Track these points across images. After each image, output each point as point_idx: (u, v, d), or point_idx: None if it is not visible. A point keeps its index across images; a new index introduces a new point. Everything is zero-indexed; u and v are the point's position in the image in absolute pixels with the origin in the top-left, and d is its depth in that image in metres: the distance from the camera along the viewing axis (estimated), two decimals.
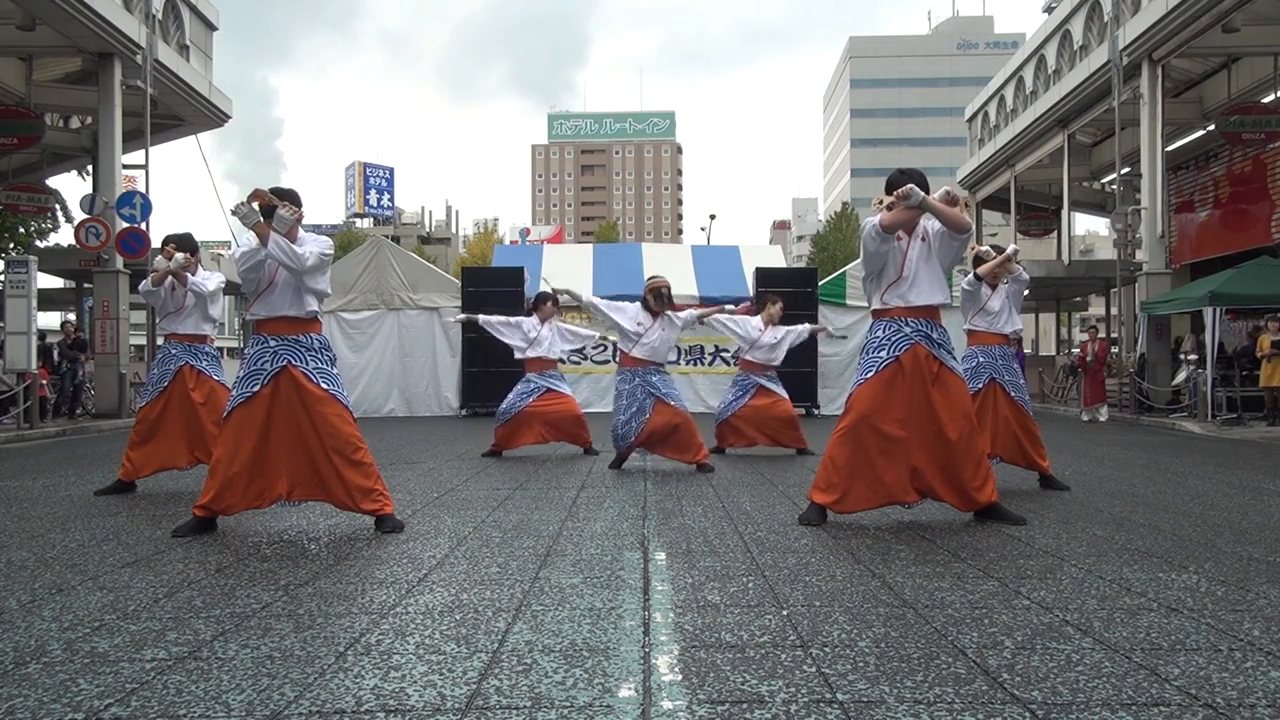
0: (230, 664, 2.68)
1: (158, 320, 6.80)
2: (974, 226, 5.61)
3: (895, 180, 5.01)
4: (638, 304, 8.02)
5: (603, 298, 8.42)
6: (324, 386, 4.85)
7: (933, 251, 5.07)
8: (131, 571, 3.94)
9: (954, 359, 5.10)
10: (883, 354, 4.99)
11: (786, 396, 9.41)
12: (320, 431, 4.82)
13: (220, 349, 7.20)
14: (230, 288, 12.51)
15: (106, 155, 17.69)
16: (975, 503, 4.99)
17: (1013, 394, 6.80)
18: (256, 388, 4.81)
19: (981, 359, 6.86)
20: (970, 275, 7.00)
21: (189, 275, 6.62)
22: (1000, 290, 7.05)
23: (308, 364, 4.88)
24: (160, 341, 6.85)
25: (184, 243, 6.73)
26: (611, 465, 8.09)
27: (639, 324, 7.87)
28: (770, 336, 9.21)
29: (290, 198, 4.95)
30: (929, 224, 5.09)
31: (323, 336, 5.06)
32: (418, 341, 17.32)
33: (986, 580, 3.74)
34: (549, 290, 9.44)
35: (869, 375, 4.98)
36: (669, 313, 7.95)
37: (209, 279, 6.75)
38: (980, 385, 6.72)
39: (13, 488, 7.11)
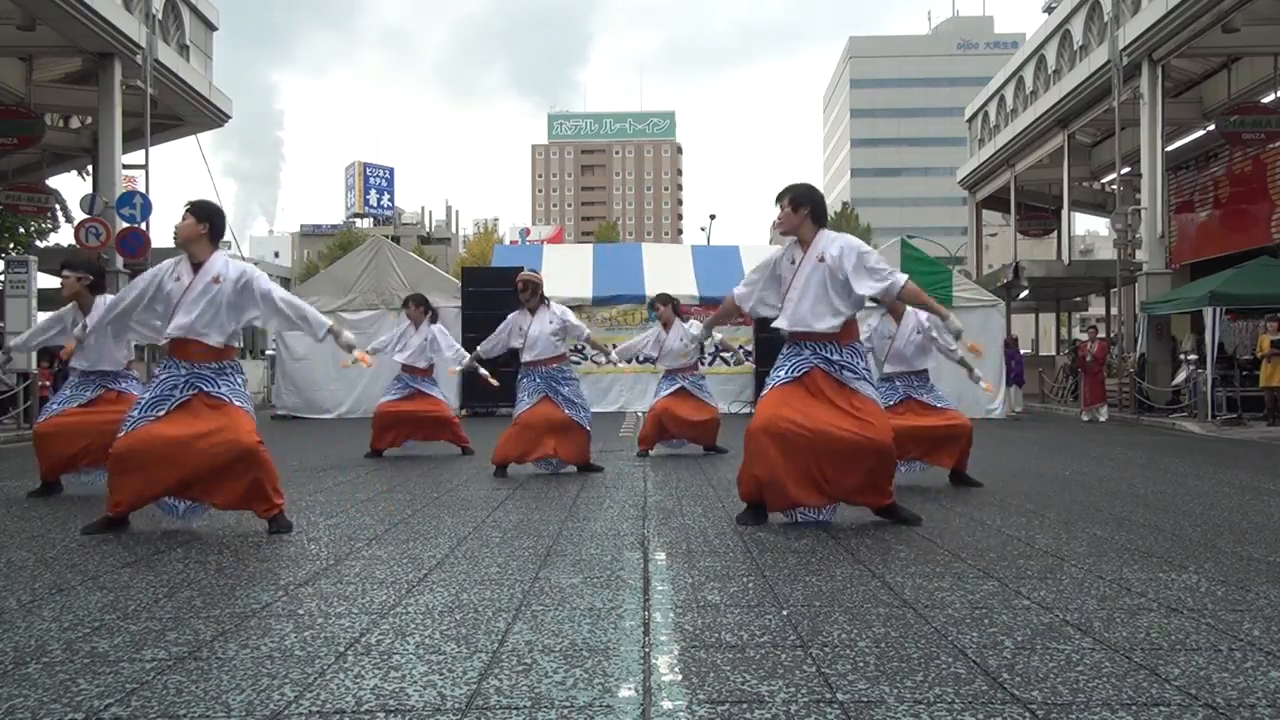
0: (230, 664, 2.68)
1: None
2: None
3: (801, 194, 5.10)
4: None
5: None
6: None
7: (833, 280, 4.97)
8: (131, 571, 3.94)
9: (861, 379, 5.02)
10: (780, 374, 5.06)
11: (711, 399, 9.45)
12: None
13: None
14: None
15: (106, 155, 17.69)
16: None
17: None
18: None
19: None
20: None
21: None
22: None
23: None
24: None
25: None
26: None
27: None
28: (674, 340, 9.19)
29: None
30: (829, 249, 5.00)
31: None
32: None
33: (986, 580, 3.74)
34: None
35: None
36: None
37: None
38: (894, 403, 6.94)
39: (13, 488, 7.11)
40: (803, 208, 5.07)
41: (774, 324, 5.16)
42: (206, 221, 4.98)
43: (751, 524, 5.05)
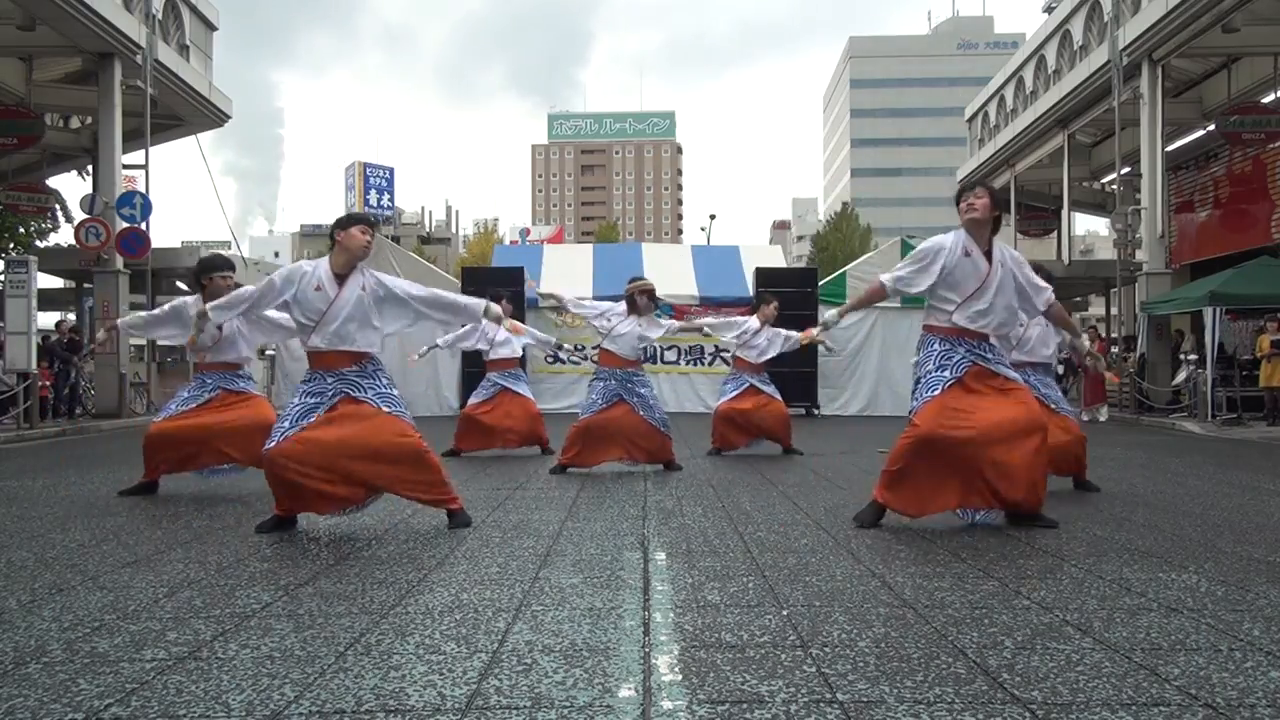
0: (230, 664, 2.68)
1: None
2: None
3: (996, 192, 5.09)
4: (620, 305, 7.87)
5: (601, 299, 8.43)
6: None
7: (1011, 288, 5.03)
8: (131, 571, 3.94)
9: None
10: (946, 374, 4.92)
11: (779, 397, 9.41)
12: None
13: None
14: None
15: (106, 155, 17.69)
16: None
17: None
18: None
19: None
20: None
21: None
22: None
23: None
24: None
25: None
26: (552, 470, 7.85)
27: (613, 318, 7.76)
28: (764, 337, 9.14)
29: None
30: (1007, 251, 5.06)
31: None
32: (418, 342, 17.22)
33: (986, 580, 3.74)
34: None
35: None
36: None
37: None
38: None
39: (13, 488, 7.11)
40: (996, 208, 5.03)
41: (955, 318, 4.96)
42: (375, 233, 5.06)
43: (870, 525, 4.95)
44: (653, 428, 7.65)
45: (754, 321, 9.15)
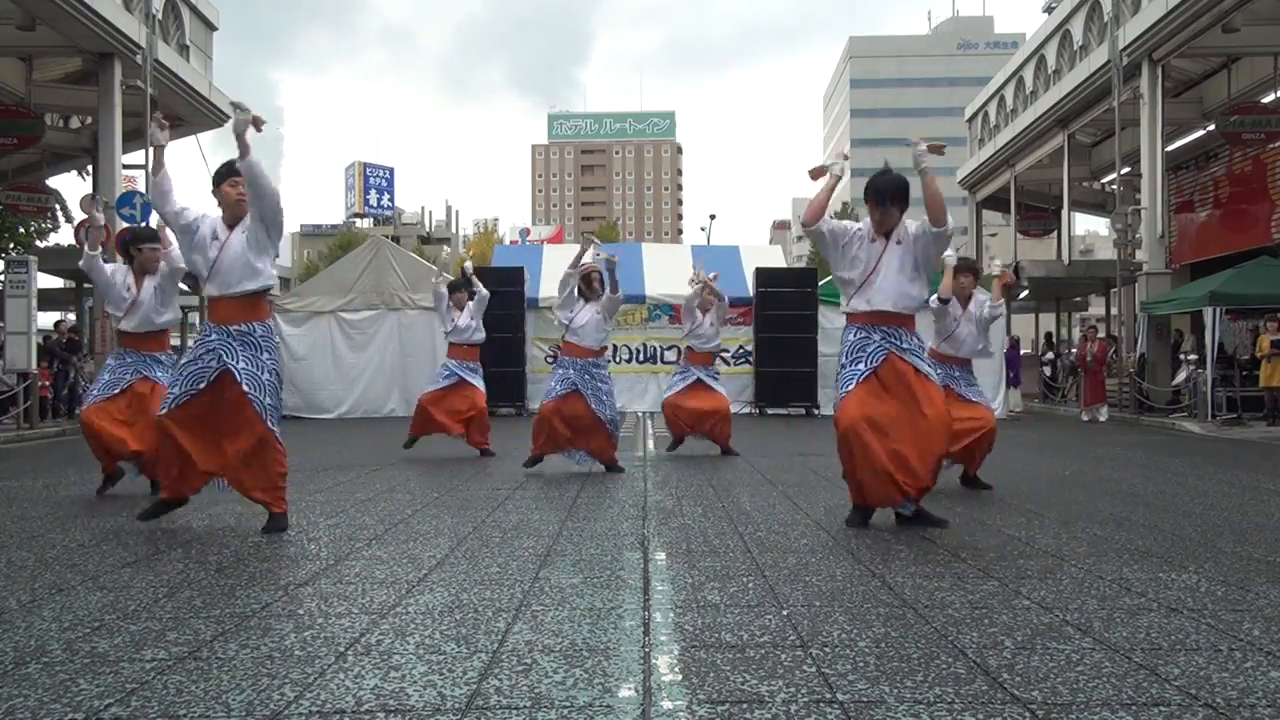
0: (230, 664, 2.68)
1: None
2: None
3: (878, 184, 5.02)
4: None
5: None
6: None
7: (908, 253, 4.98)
8: (131, 571, 3.94)
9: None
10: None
11: (725, 395, 9.54)
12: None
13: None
14: None
15: (106, 155, 17.68)
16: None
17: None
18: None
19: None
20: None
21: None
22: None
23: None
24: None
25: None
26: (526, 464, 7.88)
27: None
28: (708, 321, 9.38)
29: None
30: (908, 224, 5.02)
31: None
32: (418, 341, 17.29)
33: (986, 580, 3.74)
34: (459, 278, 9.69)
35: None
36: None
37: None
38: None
39: (13, 488, 7.11)
40: (896, 206, 5.02)
41: (845, 309, 5.08)
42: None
43: (859, 525, 4.98)
44: (600, 423, 7.63)
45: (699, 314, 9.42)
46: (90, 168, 20.86)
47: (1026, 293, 25.83)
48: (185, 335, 23.94)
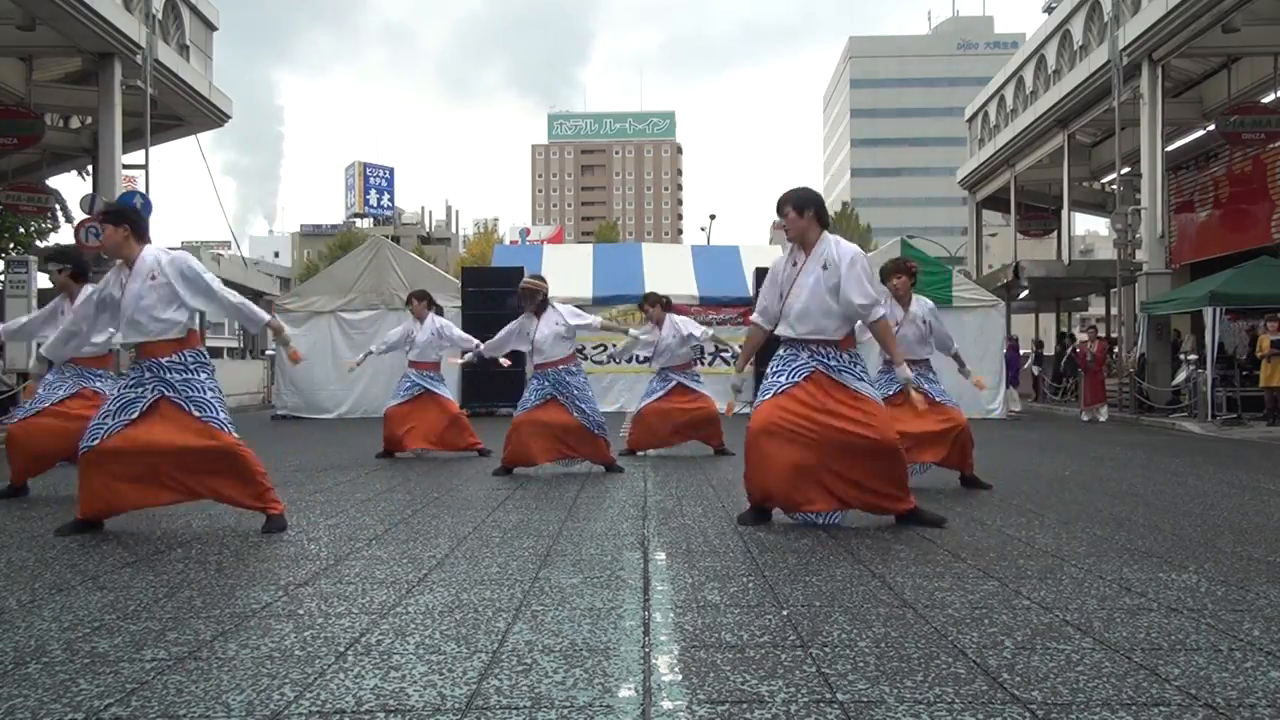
0: (230, 664, 2.68)
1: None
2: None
3: (804, 198, 5.04)
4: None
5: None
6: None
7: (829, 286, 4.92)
8: (131, 571, 3.94)
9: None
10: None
11: (709, 395, 9.33)
12: None
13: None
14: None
15: (106, 155, 17.67)
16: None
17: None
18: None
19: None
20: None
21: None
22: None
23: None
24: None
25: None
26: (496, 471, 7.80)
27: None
28: (667, 335, 9.07)
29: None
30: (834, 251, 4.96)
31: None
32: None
33: (986, 580, 3.74)
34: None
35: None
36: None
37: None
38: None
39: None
40: (808, 210, 5.03)
41: (780, 329, 5.10)
42: (125, 224, 4.93)
43: (752, 524, 5.05)
44: (584, 429, 7.59)
45: (650, 332, 9.13)
46: (90, 168, 20.85)
47: (1026, 293, 25.84)
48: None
